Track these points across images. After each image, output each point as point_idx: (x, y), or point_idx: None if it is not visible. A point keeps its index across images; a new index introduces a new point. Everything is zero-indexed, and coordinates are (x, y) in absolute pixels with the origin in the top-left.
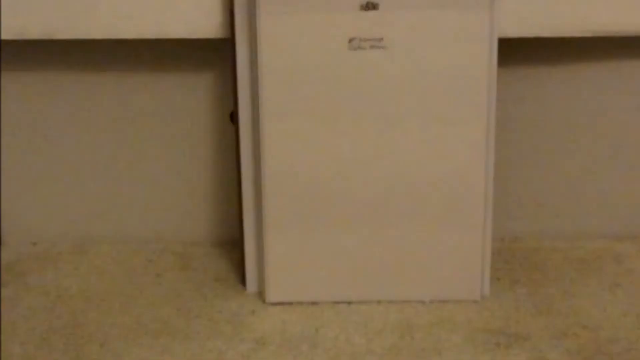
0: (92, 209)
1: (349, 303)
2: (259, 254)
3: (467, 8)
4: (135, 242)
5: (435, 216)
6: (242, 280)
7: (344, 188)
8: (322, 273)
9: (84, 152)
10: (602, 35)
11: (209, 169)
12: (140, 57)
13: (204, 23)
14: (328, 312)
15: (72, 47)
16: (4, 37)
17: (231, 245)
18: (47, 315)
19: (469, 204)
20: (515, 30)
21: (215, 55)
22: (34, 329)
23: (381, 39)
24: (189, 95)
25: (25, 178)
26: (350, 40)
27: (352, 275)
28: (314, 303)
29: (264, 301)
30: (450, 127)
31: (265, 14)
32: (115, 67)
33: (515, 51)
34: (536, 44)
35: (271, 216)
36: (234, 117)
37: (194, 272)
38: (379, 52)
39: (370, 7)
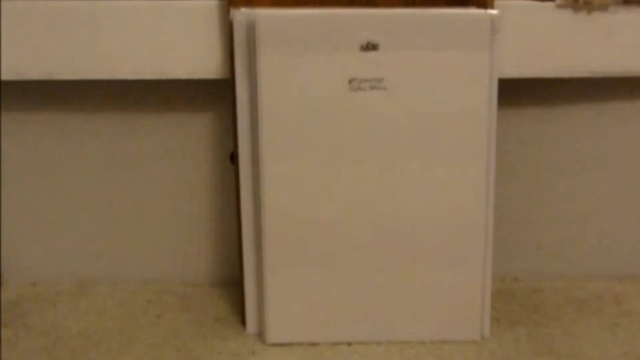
0: (91, 250)
1: (349, 344)
2: (259, 295)
3: (468, 49)
4: (135, 282)
5: (436, 257)
6: (242, 321)
7: (343, 229)
8: (322, 314)
9: (84, 192)
10: (601, 76)
11: (208, 210)
12: (140, 97)
13: (203, 64)
14: (328, 353)
15: (71, 88)
16: (3, 78)
17: (231, 285)
18: (47, 356)
19: (469, 244)
20: (515, 71)
21: (215, 96)
22: None
23: (381, 80)
24: (189, 135)
25: (25, 218)
26: (351, 81)
27: (352, 316)
28: (314, 344)
29: (264, 342)
30: (450, 168)
31: (265, 55)
32: (115, 108)
33: (515, 92)
34: (536, 85)
35: (271, 257)
36: (233, 158)
37: (194, 313)
38: (379, 92)
39: (370, 47)
